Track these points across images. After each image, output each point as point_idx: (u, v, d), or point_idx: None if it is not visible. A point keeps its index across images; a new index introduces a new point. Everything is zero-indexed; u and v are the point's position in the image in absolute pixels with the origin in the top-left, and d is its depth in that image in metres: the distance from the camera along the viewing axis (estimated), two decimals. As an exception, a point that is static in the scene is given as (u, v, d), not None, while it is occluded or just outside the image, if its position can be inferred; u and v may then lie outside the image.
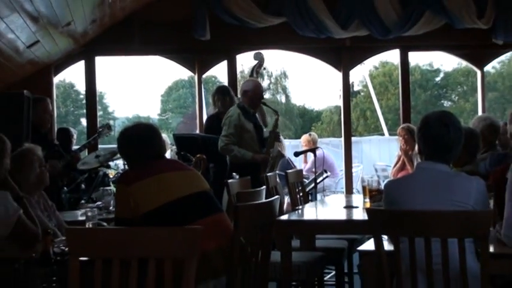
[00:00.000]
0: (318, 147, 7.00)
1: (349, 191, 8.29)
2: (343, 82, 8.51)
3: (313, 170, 6.41)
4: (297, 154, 7.05)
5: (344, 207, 4.85)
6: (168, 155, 7.18)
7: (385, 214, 2.94)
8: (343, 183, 8.92)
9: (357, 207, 4.68)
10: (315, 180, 6.09)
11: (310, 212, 4.89)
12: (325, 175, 7.15)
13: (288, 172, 5.53)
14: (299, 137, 13.08)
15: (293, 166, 7.98)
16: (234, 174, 5.64)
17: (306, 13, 7.84)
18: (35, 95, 6.53)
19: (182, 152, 5.98)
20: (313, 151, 6.29)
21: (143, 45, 8.02)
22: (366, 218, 2.91)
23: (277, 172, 6.02)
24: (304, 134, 10.14)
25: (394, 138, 8.26)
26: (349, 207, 4.78)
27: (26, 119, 6.19)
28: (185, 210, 3.14)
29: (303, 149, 8.50)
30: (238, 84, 8.29)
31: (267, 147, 6.11)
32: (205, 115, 8.53)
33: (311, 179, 6.93)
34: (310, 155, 8.40)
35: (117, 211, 3.31)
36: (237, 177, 5.43)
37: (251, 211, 3.20)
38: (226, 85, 7.55)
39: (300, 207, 5.11)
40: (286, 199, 6.28)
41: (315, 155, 6.08)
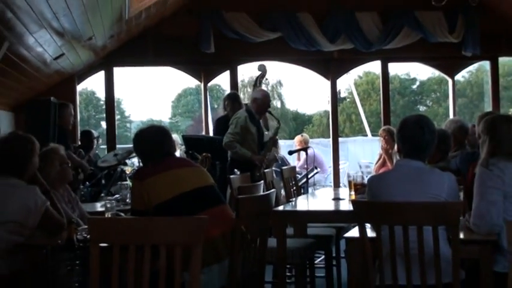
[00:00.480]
0: (309, 146, 6.98)
1: (336, 185, 8.28)
2: (331, 90, 8.52)
3: (305, 167, 6.41)
4: (291, 153, 7.08)
5: (332, 199, 4.84)
6: (178, 154, 7.18)
7: (368, 205, 2.94)
8: (331, 178, 8.92)
9: (344, 199, 4.67)
10: (307, 175, 6.09)
11: (302, 204, 4.88)
12: (315, 171, 7.16)
13: (283, 168, 5.53)
14: (293, 138, 13.06)
15: (287, 163, 7.97)
16: (236, 170, 5.64)
17: (298, 29, 7.86)
18: (61, 101, 6.54)
19: (190, 151, 5.98)
20: (305, 150, 6.30)
21: (156, 57, 8.01)
22: (352, 209, 2.92)
23: (273, 169, 6.02)
24: (297, 135, 10.12)
25: (376, 138, 8.23)
26: (336, 199, 4.77)
27: (53, 122, 6.20)
28: (192, 202, 3.14)
29: (296, 148, 8.48)
30: (239, 91, 8.31)
31: (265, 150, 6.09)
32: (210, 118, 8.55)
33: (303, 175, 6.92)
34: (302, 154, 8.39)
35: (132, 203, 3.30)
36: (238, 173, 5.43)
37: (251, 203, 3.20)
38: (236, 92, 7.53)
39: (294, 199, 5.11)
40: (281, 192, 6.27)
41: (307, 154, 6.09)
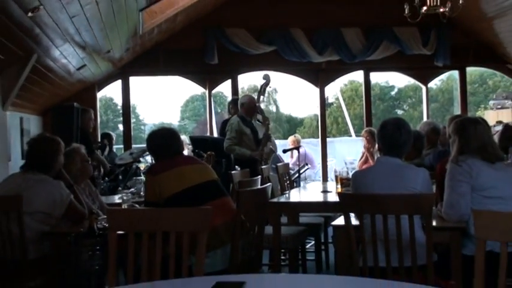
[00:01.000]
0: (301, 146, 6.96)
1: (325, 179, 8.30)
2: (320, 96, 8.53)
3: (297, 164, 6.38)
4: (285, 151, 7.07)
5: (321, 191, 4.83)
6: (186, 152, 7.16)
7: (352, 197, 2.93)
8: (320, 173, 8.92)
9: (331, 191, 4.66)
10: (299, 171, 6.06)
11: (295, 196, 4.87)
12: (306, 167, 7.12)
13: (278, 165, 5.52)
14: (286, 138, 13.02)
15: (282, 161, 7.95)
16: (236, 166, 5.64)
17: (291, 42, 7.87)
18: (83, 107, 6.53)
19: (196, 150, 5.96)
20: (297, 149, 6.28)
21: (166, 67, 8.02)
22: (338, 200, 2.91)
23: (271, 166, 6.04)
24: (290, 136, 10.11)
25: (359, 138, 8.23)
26: (325, 191, 4.75)
27: (76, 125, 6.20)
28: (198, 194, 3.13)
29: (290, 147, 8.46)
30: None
31: (261, 146, 6.11)
32: (214, 122, 8.57)
33: (296, 170, 6.88)
34: (295, 152, 8.36)
35: (146, 196, 3.29)
36: (239, 169, 5.43)
37: (250, 195, 3.20)
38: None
39: (287, 192, 5.10)
40: (277, 186, 6.25)
41: (299, 152, 6.08)
